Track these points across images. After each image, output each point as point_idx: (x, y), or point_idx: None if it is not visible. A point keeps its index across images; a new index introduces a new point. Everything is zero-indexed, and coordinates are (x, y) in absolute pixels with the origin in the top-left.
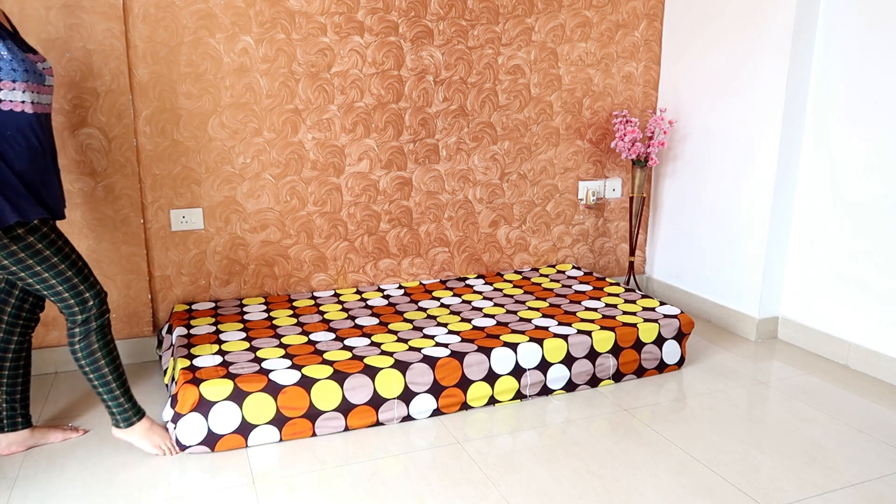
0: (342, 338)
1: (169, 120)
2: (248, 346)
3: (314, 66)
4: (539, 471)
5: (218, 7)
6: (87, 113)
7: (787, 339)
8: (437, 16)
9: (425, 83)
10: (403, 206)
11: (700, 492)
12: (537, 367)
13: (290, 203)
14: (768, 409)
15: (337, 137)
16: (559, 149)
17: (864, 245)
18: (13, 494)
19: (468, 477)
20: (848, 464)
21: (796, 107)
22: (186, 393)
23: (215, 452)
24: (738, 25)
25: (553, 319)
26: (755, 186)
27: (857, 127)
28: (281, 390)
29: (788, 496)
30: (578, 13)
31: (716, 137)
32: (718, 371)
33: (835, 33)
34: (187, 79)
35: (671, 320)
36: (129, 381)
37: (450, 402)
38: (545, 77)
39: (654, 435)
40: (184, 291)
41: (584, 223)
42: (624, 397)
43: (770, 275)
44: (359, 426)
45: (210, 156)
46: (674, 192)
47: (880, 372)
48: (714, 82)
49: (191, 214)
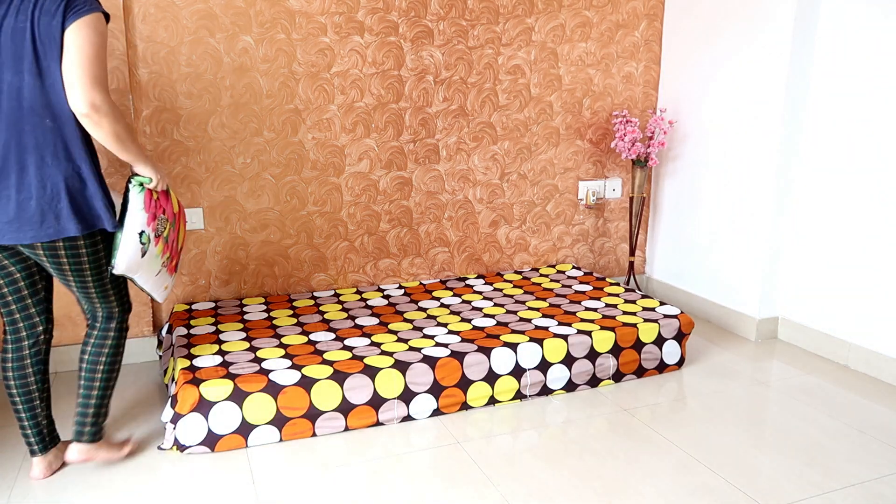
0: (342, 338)
1: (169, 120)
2: (248, 346)
3: (314, 66)
4: (539, 471)
5: (218, 7)
6: None
7: (787, 339)
8: (437, 16)
9: (425, 83)
10: (403, 206)
11: (700, 492)
12: (537, 367)
13: (290, 203)
14: (768, 409)
15: (337, 137)
16: (559, 149)
17: (864, 245)
18: (13, 494)
19: (468, 477)
20: (848, 464)
21: (796, 106)
22: (186, 393)
23: (215, 453)
24: (738, 25)
25: (553, 319)
26: (755, 186)
27: (857, 126)
28: (281, 390)
29: (788, 496)
30: (578, 13)
31: (715, 138)
32: (718, 371)
33: (835, 33)
34: (187, 79)
35: (671, 320)
36: (129, 381)
37: (450, 402)
38: (545, 77)
39: (654, 435)
40: (184, 291)
41: (584, 223)
42: (624, 397)
43: (770, 275)
44: (359, 426)
45: (210, 156)
46: (674, 192)
47: (880, 372)
48: (714, 82)
49: (191, 214)
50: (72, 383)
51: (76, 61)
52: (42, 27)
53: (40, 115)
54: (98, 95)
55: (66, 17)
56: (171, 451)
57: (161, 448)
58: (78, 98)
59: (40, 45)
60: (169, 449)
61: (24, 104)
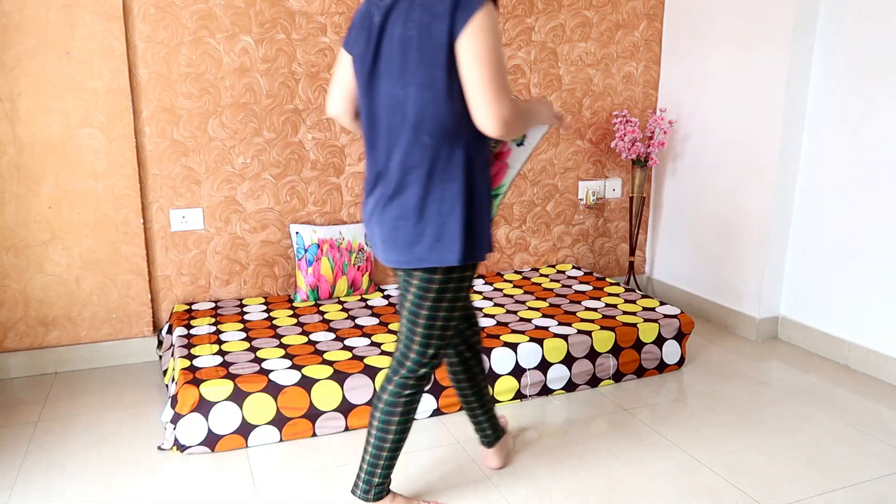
0: (342, 338)
1: (169, 120)
2: (248, 346)
3: (314, 66)
4: (539, 471)
5: (218, 7)
6: (87, 113)
7: (787, 339)
8: None
9: None
10: None
11: (700, 492)
12: (537, 367)
13: (290, 203)
14: (768, 409)
15: (337, 137)
16: (559, 149)
17: (864, 245)
18: (13, 494)
19: (468, 477)
20: (848, 464)
21: (796, 106)
22: (186, 393)
23: (215, 453)
24: (738, 25)
25: (553, 319)
26: (755, 186)
27: (857, 126)
28: (281, 390)
29: (788, 496)
30: (578, 13)
31: (716, 137)
32: (718, 371)
33: (836, 32)
34: (187, 79)
35: (671, 320)
36: (129, 381)
37: (450, 402)
38: (545, 77)
39: (655, 435)
40: (184, 291)
41: (584, 223)
42: (624, 397)
43: (770, 275)
44: (359, 426)
45: (210, 156)
46: (674, 192)
47: (880, 372)
48: (714, 82)
49: (191, 214)
50: (72, 383)
51: (477, 77)
52: (431, 32)
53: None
54: (507, 108)
55: (456, 20)
56: (171, 451)
57: (161, 448)
58: (487, 118)
59: (429, 52)
60: (169, 449)
61: (408, 119)
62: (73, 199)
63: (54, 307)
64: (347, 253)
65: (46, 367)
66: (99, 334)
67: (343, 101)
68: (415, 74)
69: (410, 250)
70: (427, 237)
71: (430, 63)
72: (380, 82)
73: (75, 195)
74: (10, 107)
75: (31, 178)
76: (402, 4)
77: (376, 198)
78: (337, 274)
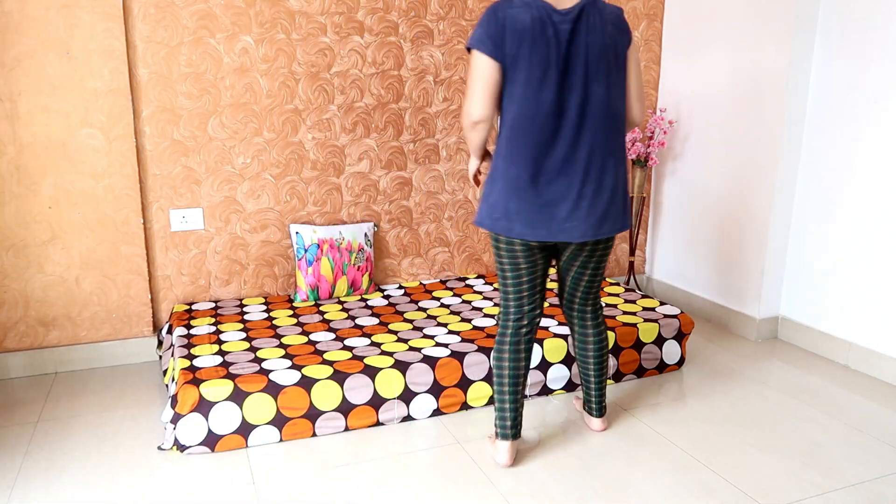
0: (342, 338)
1: (169, 120)
2: (248, 346)
3: (314, 66)
4: (539, 471)
5: (218, 7)
6: (87, 113)
7: (787, 339)
8: (437, 16)
9: (425, 83)
10: (403, 206)
11: (700, 492)
12: (537, 367)
13: (290, 203)
14: (768, 408)
15: (337, 137)
16: None
17: (864, 245)
18: (13, 494)
19: (468, 477)
20: (848, 464)
21: (796, 106)
22: (186, 393)
23: (215, 453)
24: (738, 25)
25: (553, 319)
26: (755, 186)
27: (857, 126)
28: (281, 390)
29: (788, 496)
30: None
31: (716, 137)
32: (718, 371)
33: (836, 32)
34: (187, 79)
35: (671, 320)
36: (129, 381)
37: (450, 402)
38: None
39: (654, 435)
40: (184, 291)
41: None
42: (624, 397)
43: (770, 275)
44: (359, 426)
45: (210, 156)
46: (674, 192)
47: (880, 372)
48: (714, 82)
49: (191, 214)
50: (72, 383)
51: (638, 80)
52: (617, 45)
53: (615, 121)
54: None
55: (629, 35)
56: (171, 451)
57: (161, 448)
58: (639, 111)
59: (615, 59)
60: (169, 449)
61: (609, 112)
62: (73, 198)
63: (54, 307)
64: (347, 253)
65: (46, 367)
66: (99, 334)
67: (493, 105)
68: (610, 76)
69: (623, 218)
70: (624, 207)
71: (619, 68)
72: (573, 80)
73: (75, 195)
74: (10, 107)
75: (30, 178)
76: (590, 15)
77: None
78: (337, 274)
